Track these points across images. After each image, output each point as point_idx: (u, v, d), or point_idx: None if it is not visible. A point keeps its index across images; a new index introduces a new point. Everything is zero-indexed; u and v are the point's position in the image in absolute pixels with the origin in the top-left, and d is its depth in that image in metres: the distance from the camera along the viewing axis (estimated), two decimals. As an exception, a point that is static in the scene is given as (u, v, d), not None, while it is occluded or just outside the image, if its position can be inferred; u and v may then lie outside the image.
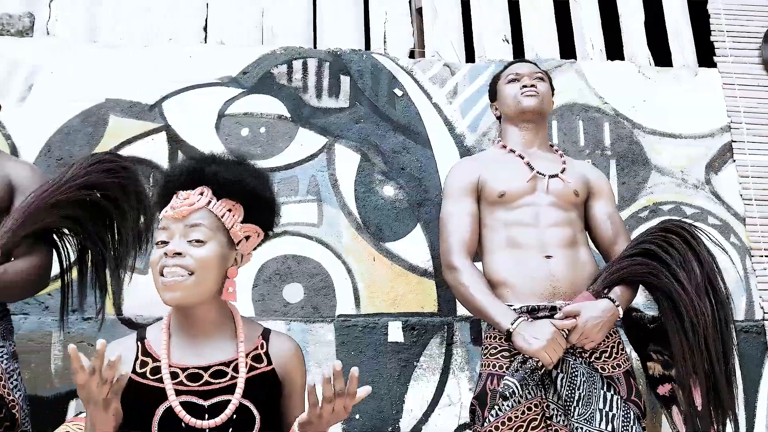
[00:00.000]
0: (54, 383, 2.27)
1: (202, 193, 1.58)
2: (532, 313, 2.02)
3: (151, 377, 1.52)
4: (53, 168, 2.45)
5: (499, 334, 2.04)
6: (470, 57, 2.98)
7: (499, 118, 2.41)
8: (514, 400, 1.93)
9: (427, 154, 2.67)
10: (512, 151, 2.27)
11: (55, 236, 2.04)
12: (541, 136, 2.32)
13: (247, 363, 1.57)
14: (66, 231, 2.03)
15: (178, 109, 2.60)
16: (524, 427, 1.94)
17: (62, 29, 2.71)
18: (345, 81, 2.72)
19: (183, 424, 1.47)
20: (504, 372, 1.99)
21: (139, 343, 1.59)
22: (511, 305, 2.04)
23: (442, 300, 2.51)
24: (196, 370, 1.53)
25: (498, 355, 2.04)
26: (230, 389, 1.53)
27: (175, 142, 2.57)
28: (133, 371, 1.53)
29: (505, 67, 2.41)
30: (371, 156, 2.64)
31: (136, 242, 2.08)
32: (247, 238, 1.63)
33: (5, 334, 1.97)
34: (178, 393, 1.50)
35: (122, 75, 2.62)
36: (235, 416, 1.49)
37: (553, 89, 2.36)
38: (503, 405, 1.94)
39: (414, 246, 2.56)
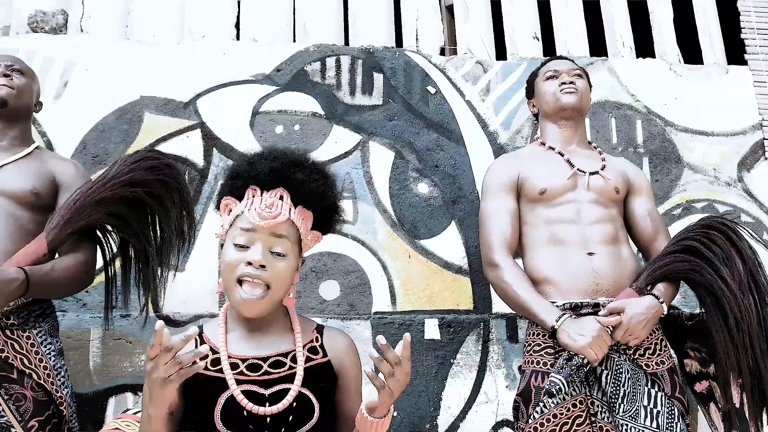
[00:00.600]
0: (93, 380, 2.27)
1: (281, 197, 1.58)
2: (575, 310, 2.02)
3: (212, 368, 1.54)
4: (89, 165, 2.46)
5: (542, 331, 2.04)
6: (500, 55, 2.98)
7: (536, 115, 2.41)
8: (560, 397, 1.93)
9: (461, 152, 2.67)
10: (551, 148, 2.27)
11: (98, 233, 2.05)
12: (580, 133, 2.32)
13: (304, 354, 1.58)
14: (110, 228, 2.03)
15: (212, 107, 2.60)
16: (569, 424, 1.94)
17: (95, 26, 2.71)
18: (378, 78, 2.72)
19: (245, 412, 1.48)
20: (549, 369, 1.99)
21: (197, 337, 1.60)
22: (554, 302, 2.04)
23: (478, 297, 2.51)
24: (256, 361, 1.55)
25: (542, 352, 2.03)
26: (289, 379, 1.55)
27: (210, 139, 2.57)
28: (193, 363, 1.54)
29: (542, 65, 2.40)
30: (405, 153, 2.64)
31: (179, 239, 2.08)
32: None
33: (52, 331, 1.97)
34: (238, 382, 1.51)
35: (156, 72, 2.62)
36: (294, 404, 1.50)
37: (590, 86, 2.36)
38: (548, 402, 1.94)
39: (449, 243, 2.56)
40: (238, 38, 2.79)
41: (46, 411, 1.84)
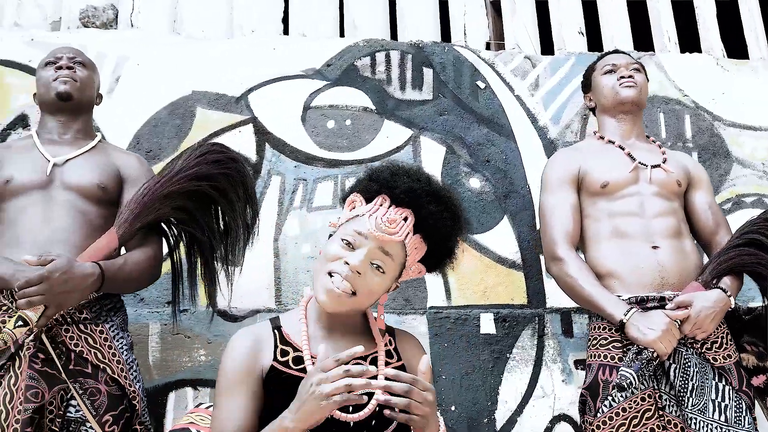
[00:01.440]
0: (152, 375, 2.27)
1: (406, 218, 1.54)
2: (641, 303, 2.02)
3: (294, 367, 1.52)
4: (143, 160, 2.45)
5: (608, 325, 2.04)
6: (543, 50, 2.97)
7: (592, 109, 2.41)
8: (630, 391, 1.93)
9: (512, 147, 2.67)
10: (611, 141, 2.27)
11: (164, 227, 2.04)
12: (638, 127, 2.32)
13: (383, 357, 1.57)
14: (175, 222, 2.02)
15: (264, 102, 2.60)
16: (638, 418, 1.94)
17: (145, 21, 2.71)
18: (428, 73, 2.72)
19: (329, 417, 1.46)
20: (617, 363, 1.99)
21: (276, 331, 1.58)
22: (619, 296, 2.04)
23: (532, 292, 2.51)
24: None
25: (609, 346, 2.03)
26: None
27: (262, 134, 2.57)
28: (275, 359, 1.53)
29: (599, 59, 2.40)
30: (456, 148, 2.64)
31: (244, 233, 2.07)
32: None
33: (123, 325, 1.97)
34: None
35: (207, 67, 2.62)
36: (377, 409, 1.49)
37: (647, 80, 2.36)
38: (617, 396, 1.94)
39: (502, 238, 2.56)
40: (285, 33, 2.78)
41: (119, 405, 1.84)
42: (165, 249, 2.05)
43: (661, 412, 1.95)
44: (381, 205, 1.54)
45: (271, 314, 2.37)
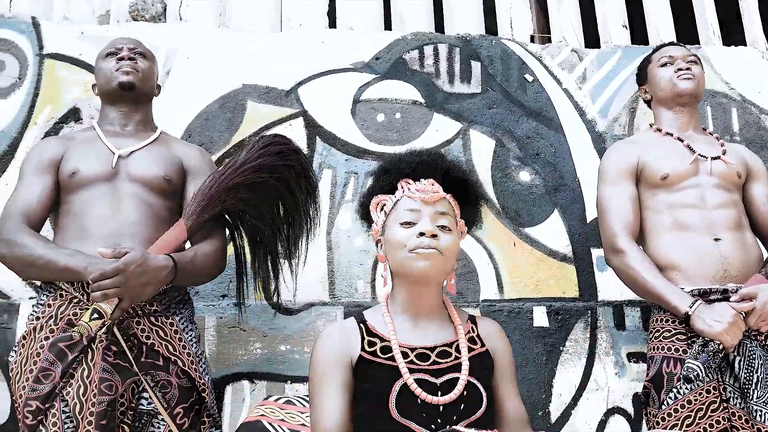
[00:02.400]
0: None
1: (433, 184, 1.63)
2: (704, 296, 2.01)
3: (382, 356, 1.53)
4: (195, 154, 2.44)
5: (671, 317, 2.04)
6: (586, 43, 2.97)
7: (647, 102, 2.41)
8: (696, 383, 1.93)
9: (560, 140, 2.67)
10: (669, 134, 2.27)
11: (229, 219, 2.04)
12: (695, 119, 2.32)
13: (466, 343, 1.59)
14: (240, 214, 2.02)
15: (313, 95, 2.59)
16: (703, 410, 1.94)
17: (193, 14, 2.70)
18: (476, 66, 2.71)
19: (418, 401, 1.47)
20: (681, 355, 1.99)
21: (361, 325, 1.61)
22: (682, 288, 2.03)
23: (583, 285, 2.51)
24: (424, 350, 1.54)
25: (673, 338, 2.03)
26: (456, 368, 1.55)
27: (312, 127, 2.56)
28: (362, 350, 1.55)
29: (654, 51, 2.40)
30: (506, 141, 2.64)
31: (306, 226, 2.07)
32: None
33: (191, 318, 1.97)
34: (410, 371, 1.50)
35: (257, 60, 2.61)
36: (465, 393, 1.50)
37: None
38: (684, 388, 1.94)
39: (552, 231, 2.56)
40: (334, 26, 2.78)
41: (189, 398, 1.85)
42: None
43: (725, 405, 1.94)
44: (408, 185, 1.63)
45: (325, 307, 2.38)
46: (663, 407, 1.97)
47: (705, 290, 2.02)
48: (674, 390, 1.96)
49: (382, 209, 1.66)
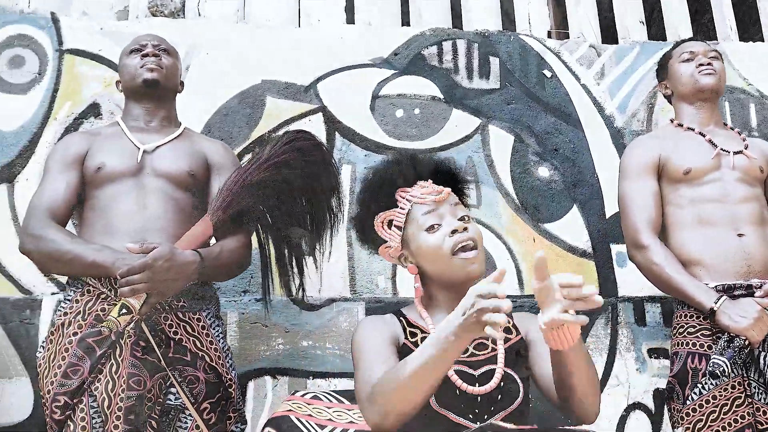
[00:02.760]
0: (231, 364, 2.27)
1: (430, 184, 1.68)
2: (728, 291, 2.01)
3: None
4: (216, 149, 2.44)
5: (696, 313, 2.04)
6: (603, 39, 2.97)
7: (668, 97, 2.40)
8: (722, 379, 1.93)
9: (579, 135, 2.67)
10: (690, 128, 2.27)
11: (253, 215, 2.04)
12: (716, 114, 2.32)
13: (501, 334, 1.59)
14: (264, 210, 2.02)
15: (333, 91, 2.60)
16: (728, 405, 1.94)
17: (211, 10, 2.70)
18: (494, 62, 2.71)
19: (457, 391, 1.48)
20: (706, 351, 1.99)
21: (402, 318, 1.64)
22: (706, 284, 2.03)
23: (603, 281, 2.51)
24: None
25: (697, 334, 2.03)
26: (493, 360, 1.56)
27: (332, 123, 2.56)
28: (406, 338, 1.58)
29: (675, 46, 2.40)
30: (524, 137, 2.64)
31: (330, 221, 2.08)
32: None
33: (217, 313, 1.97)
34: None
35: (276, 56, 2.61)
36: (502, 384, 1.51)
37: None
38: (709, 383, 1.94)
39: (572, 227, 2.56)
40: (353, 22, 2.78)
41: (216, 393, 1.85)
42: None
43: (750, 400, 1.95)
44: (411, 192, 1.64)
45: (346, 303, 2.38)
46: (688, 402, 1.97)
47: (729, 286, 2.03)
48: (699, 385, 1.96)
49: (391, 225, 1.66)
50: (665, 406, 2.31)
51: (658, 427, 2.35)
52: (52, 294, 2.28)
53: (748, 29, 3.09)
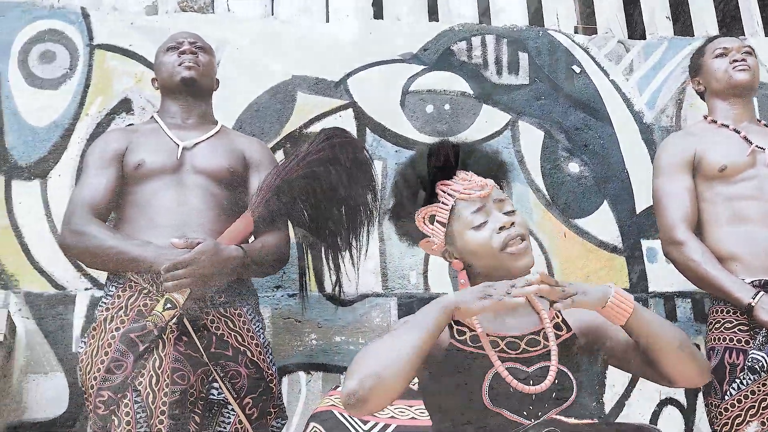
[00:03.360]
0: (265, 359, 2.27)
1: (471, 177, 1.62)
2: (765, 287, 2.01)
3: (472, 344, 1.53)
4: (247, 145, 2.44)
5: (732, 308, 2.04)
6: (630, 35, 2.97)
7: (700, 93, 2.40)
8: (760, 374, 1.93)
9: (608, 131, 2.67)
10: (725, 125, 2.26)
11: (291, 211, 2.04)
12: (750, 111, 2.31)
13: (552, 330, 1.57)
14: (303, 206, 2.02)
15: (363, 86, 2.60)
16: (767, 401, 1.94)
17: (240, 5, 2.70)
18: (523, 57, 2.71)
19: (510, 389, 1.47)
20: (744, 346, 1.98)
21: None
22: (742, 279, 2.03)
23: (634, 276, 2.51)
24: (513, 339, 1.54)
25: (735, 329, 2.02)
26: (545, 357, 1.53)
27: (362, 118, 2.57)
28: (452, 337, 1.54)
29: (707, 42, 2.39)
30: (554, 133, 2.64)
31: (367, 218, 2.08)
32: None
33: (257, 308, 1.98)
34: (501, 360, 1.50)
35: (305, 51, 2.61)
36: (556, 381, 1.50)
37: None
38: (746, 379, 1.95)
39: (602, 222, 2.57)
40: (376, 17, 2.77)
41: (258, 388, 1.85)
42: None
43: (786, 395, 1.95)
44: (452, 188, 1.59)
45: (378, 299, 2.38)
46: (726, 398, 1.97)
47: (765, 281, 2.02)
48: (737, 381, 1.96)
49: (433, 221, 1.62)
50: (697, 402, 2.31)
51: (690, 423, 2.36)
52: (86, 289, 2.28)
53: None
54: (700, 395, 2.27)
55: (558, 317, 1.63)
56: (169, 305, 1.70)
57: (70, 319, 2.24)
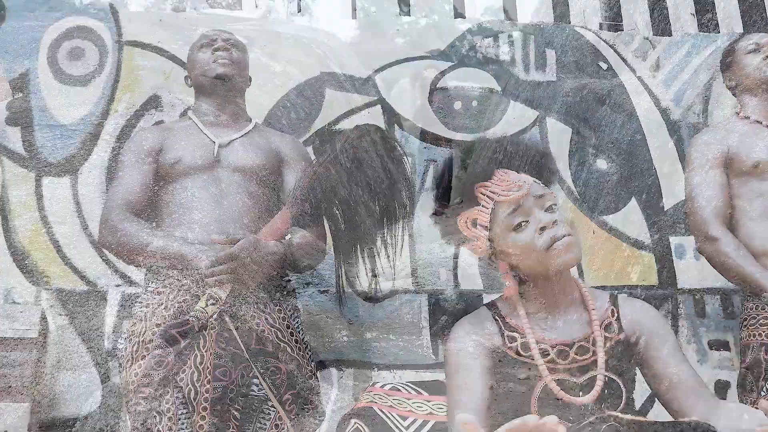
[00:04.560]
0: (297, 356, 2.27)
1: (509, 176, 1.60)
2: (800, 283, 2.02)
3: (523, 353, 1.52)
4: (276, 141, 2.44)
5: (766, 305, 2.04)
6: (654, 31, 2.97)
7: (731, 89, 2.40)
8: (795, 369, 1.94)
9: (636, 128, 2.67)
10: (758, 122, 2.26)
11: (327, 208, 2.03)
12: (782, 107, 2.31)
13: (602, 334, 1.55)
14: (338, 203, 2.01)
15: (391, 83, 2.59)
16: (804, 397, 1.95)
17: (267, 1, 2.69)
18: (550, 54, 2.71)
19: (560, 401, 1.46)
20: (781, 342, 1.99)
21: (497, 318, 1.59)
22: (776, 274, 2.04)
23: (663, 273, 2.51)
24: (563, 347, 1.52)
25: (770, 325, 2.03)
26: (595, 363, 1.52)
27: (391, 115, 2.56)
28: (504, 342, 1.54)
29: (738, 39, 2.39)
30: (582, 129, 2.64)
31: (402, 215, 2.07)
32: None
33: (296, 305, 1.98)
34: (550, 370, 1.50)
35: (333, 48, 2.61)
36: (605, 390, 1.49)
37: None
38: (785, 374, 1.95)
39: (630, 219, 2.56)
40: (403, 13, 2.77)
41: (297, 384, 1.84)
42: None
43: (822, 390, 1.96)
44: (492, 189, 1.57)
45: (408, 295, 2.38)
46: (762, 393, 1.97)
47: (800, 277, 2.03)
48: (772, 376, 1.97)
49: (476, 224, 1.60)
50: (727, 397, 2.31)
51: (721, 419, 2.35)
52: (117, 286, 2.28)
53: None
54: (732, 391, 2.27)
55: (613, 315, 1.59)
56: (211, 301, 1.70)
57: (102, 316, 2.24)
